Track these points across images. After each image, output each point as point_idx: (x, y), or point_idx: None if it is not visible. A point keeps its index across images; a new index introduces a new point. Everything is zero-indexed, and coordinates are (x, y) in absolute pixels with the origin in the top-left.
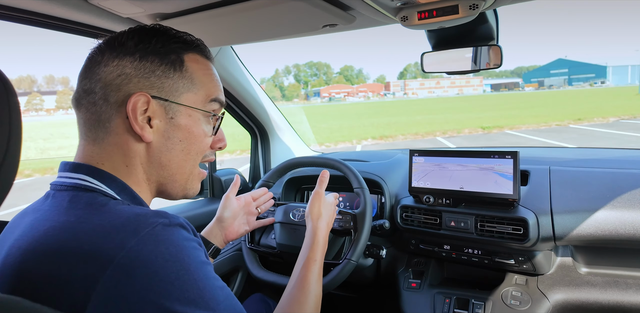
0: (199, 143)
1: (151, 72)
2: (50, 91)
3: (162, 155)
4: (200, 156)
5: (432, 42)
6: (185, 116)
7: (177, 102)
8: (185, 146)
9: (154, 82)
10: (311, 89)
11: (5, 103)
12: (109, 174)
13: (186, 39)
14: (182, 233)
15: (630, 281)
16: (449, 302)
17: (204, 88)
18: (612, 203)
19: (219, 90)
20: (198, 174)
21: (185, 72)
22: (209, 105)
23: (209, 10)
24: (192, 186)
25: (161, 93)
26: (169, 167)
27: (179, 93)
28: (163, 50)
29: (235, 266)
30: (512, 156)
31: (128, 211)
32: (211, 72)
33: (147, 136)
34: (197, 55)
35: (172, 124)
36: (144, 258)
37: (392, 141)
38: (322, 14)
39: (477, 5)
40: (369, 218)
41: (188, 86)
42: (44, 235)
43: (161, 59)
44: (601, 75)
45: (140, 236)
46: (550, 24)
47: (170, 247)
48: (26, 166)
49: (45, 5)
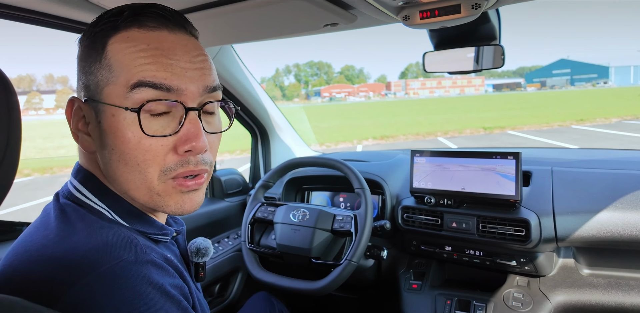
0: (132, 149)
1: (82, 72)
2: (49, 90)
3: (107, 167)
4: (149, 167)
5: (434, 42)
6: (109, 117)
7: (98, 100)
8: (119, 155)
9: (84, 81)
10: (312, 89)
11: (4, 102)
12: (100, 184)
13: (119, 14)
14: (151, 274)
15: (633, 282)
16: (450, 303)
17: (124, 72)
18: (615, 204)
19: (149, 69)
20: (171, 189)
21: (104, 60)
22: (131, 94)
23: (210, 9)
24: (166, 203)
25: (89, 93)
26: (119, 181)
27: (100, 88)
28: (90, 41)
29: (235, 266)
30: (514, 156)
31: (99, 237)
32: (144, 48)
33: (83, 145)
34: (133, 30)
35: (101, 129)
36: (93, 299)
37: (393, 141)
38: (323, 13)
39: (480, 4)
40: (370, 219)
41: (107, 76)
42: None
43: (89, 54)
44: (603, 75)
45: (96, 273)
46: (552, 24)
47: (126, 292)
48: (25, 165)
49: (45, 3)
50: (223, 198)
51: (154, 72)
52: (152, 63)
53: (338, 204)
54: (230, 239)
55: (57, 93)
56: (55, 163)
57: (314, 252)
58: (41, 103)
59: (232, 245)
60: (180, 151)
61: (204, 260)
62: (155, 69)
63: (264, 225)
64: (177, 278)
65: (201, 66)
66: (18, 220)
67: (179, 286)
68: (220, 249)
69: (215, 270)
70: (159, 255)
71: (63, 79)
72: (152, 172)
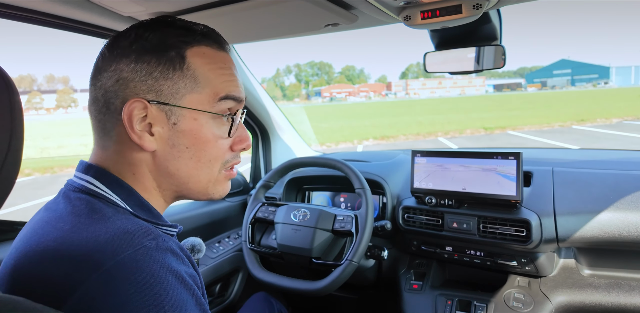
0: (210, 148)
1: (148, 75)
2: (50, 90)
3: (169, 164)
4: (217, 162)
5: (435, 42)
6: (190, 120)
7: (179, 106)
8: (193, 153)
9: (151, 85)
10: (312, 89)
11: (7, 102)
12: (115, 178)
13: (190, 30)
14: (169, 261)
15: (633, 283)
16: (450, 303)
17: (210, 86)
18: (616, 204)
19: (232, 86)
20: (223, 178)
21: (186, 70)
22: (218, 104)
23: (211, 9)
24: (216, 190)
25: (160, 97)
26: (179, 176)
27: (181, 95)
28: (161, 47)
29: (236, 266)
30: (515, 157)
31: (120, 226)
32: (222, 66)
33: (146, 145)
34: (204, 47)
35: (176, 131)
36: (116, 284)
37: (393, 141)
38: (324, 13)
39: (481, 5)
40: (371, 219)
41: (191, 86)
42: (37, 241)
43: (158, 58)
44: (604, 76)
45: (118, 260)
46: (553, 25)
47: (147, 277)
48: (26, 165)
49: (46, 3)
50: (224, 197)
51: (235, 88)
52: (232, 81)
53: (339, 204)
54: (230, 239)
55: (58, 93)
56: (55, 163)
57: (315, 252)
58: (42, 103)
59: (232, 245)
60: (236, 149)
61: (198, 256)
62: (235, 86)
63: (264, 225)
64: (190, 268)
65: None
66: (19, 219)
67: (193, 275)
68: (221, 249)
69: (215, 270)
70: (175, 244)
71: (64, 79)
72: (217, 166)
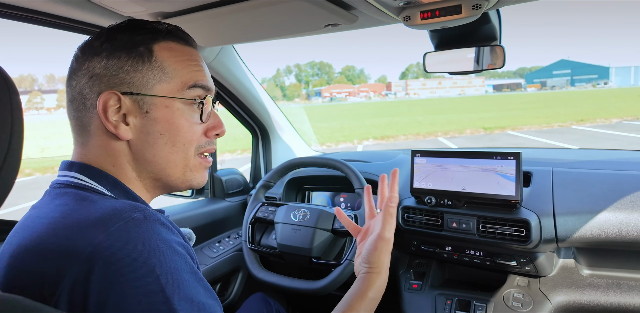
0: (184, 133)
1: (119, 69)
2: (51, 89)
3: (145, 151)
4: (191, 146)
5: (435, 42)
6: (162, 108)
7: (150, 95)
8: (167, 139)
9: (122, 78)
10: (312, 89)
11: (7, 102)
12: (99, 170)
13: (156, 28)
14: (159, 231)
15: (633, 283)
16: (450, 303)
17: (178, 76)
18: (615, 204)
19: (199, 76)
20: (199, 164)
21: (155, 62)
22: (187, 92)
23: (211, 9)
24: (194, 176)
25: (132, 88)
26: (157, 162)
27: (151, 85)
28: (130, 44)
29: (236, 266)
30: (515, 157)
31: (108, 205)
32: (188, 58)
33: (122, 134)
34: (170, 43)
35: (149, 119)
36: (110, 254)
37: (393, 141)
38: (324, 14)
39: (480, 5)
40: None
41: (160, 76)
42: (30, 233)
43: (128, 54)
44: (604, 76)
45: (109, 231)
46: (553, 25)
47: (138, 245)
48: (26, 165)
49: (46, 3)
50: (224, 197)
51: (201, 77)
52: (199, 71)
53: (339, 204)
54: (231, 239)
55: (59, 93)
56: (56, 163)
57: (315, 252)
58: (42, 103)
59: (232, 245)
60: (211, 135)
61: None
62: (202, 76)
63: (264, 225)
64: (181, 239)
65: None
66: (19, 219)
67: (184, 245)
68: (221, 248)
69: (215, 270)
70: (164, 217)
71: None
72: (191, 150)
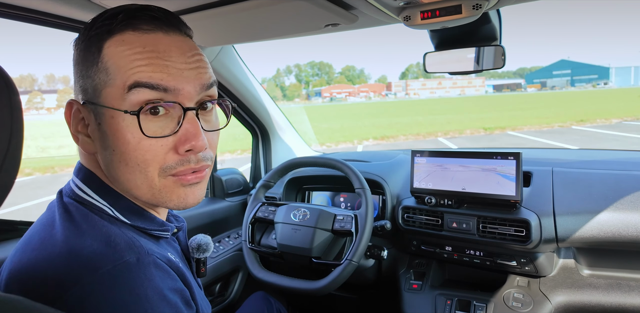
0: (131, 151)
1: (80, 75)
2: (51, 89)
3: (108, 167)
4: (149, 166)
5: (435, 42)
6: (108, 119)
7: (97, 103)
8: (119, 156)
9: (82, 85)
10: (312, 89)
11: (7, 102)
12: (101, 182)
13: (113, 18)
14: (152, 276)
15: (633, 283)
16: (450, 303)
17: (119, 75)
18: (615, 204)
19: (145, 70)
20: (172, 184)
21: (100, 63)
22: (128, 96)
23: (211, 9)
24: (169, 198)
25: (87, 96)
26: (120, 181)
27: (99, 91)
28: (85, 45)
29: (236, 266)
30: (515, 157)
31: (103, 238)
32: (139, 50)
33: (84, 147)
34: (128, 33)
35: (102, 131)
36: (93, 301)
37: (393, 141)
38: (324, 14)
39: (480, 5)
40: (370, 219)
41: (104, 80)
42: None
43: (86, 57)
44: (604, 76)
45: (98, 274)
46: (553, 25)
47: (125, 294)
48: (27, 165)
49: (46, 3)
50: (224, 197)
51: (149, 73)
52: (147, 65)
53: (339, 204)
54: (230, 238)
55: (59, 93)
56: (56, 163)
57: (315, 252)
58: (42, 103)
59: (232, 245)
60: (181, 151)
61: (204, 255)
62: (151, 71)
63: (264, 225)
64: (178, 282)
65: (197, 65)
66: (19, 219)
67: (180, 290)
68: (221, 248)
69: (215, 270)
70: (161, 256)
71: (64, 78)
72: (152, 171)
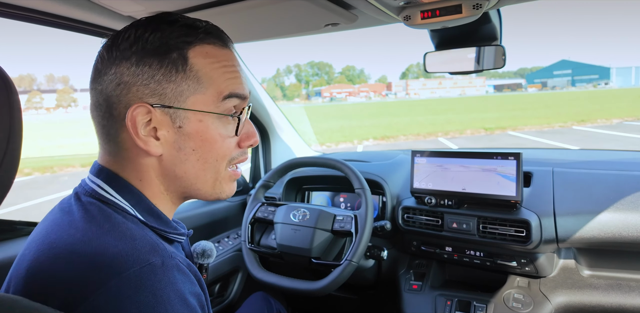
0: (217, 148)
1: (150, 78)
2: (50, 89)
3: (176, 167)
4: (223, 161)
5: (435, 42)
6: (196, 122)
7: (183, 108)
8: (200, 155)
9: (154, 88)
10: (312, 89)
11: (6, 101)
12: (125, 183)
13: (192, 28)
14: (175, 280)
15: (633, 284)
16: (450, 304)
17: (214, 85)
18: (616, 205)
19: (235, 83)
20: (229, 177)
21: (189, 71)
22: (223, 104)
23: (211, 8)
24: (222, 189)
25: (164, 100)
26: (186, 178)
27: (185, 97)
28: (162, 48)
29: (236, 266)
30: (515, 157)
31: (127, 239)
32: (226, 64)
33: (152, 150)
34: (207, 46)
35: (182, 134)
36: (119, 301)
37: (393, 141)
38: (324, 13)
39: (481, 4)
40: (370, 219)
41: (194, 87)
42: (49, 246)
43: (160, 61)
44: (605, 76)
45: (122, 276)
46: (553, 25)
47: (149, 296)
48: (26, 165)
49: (45, 2)
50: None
51: (238, 85)
52: (236, 78)
53: (338, 204)
54: (230, 239)
55: (58, 93)
56: (55, 162)
57: (314, 252)
58: (42, 102)
59: (232, 245)
60: (244, 146)
61: (208, 261)
62: (239, 83)
63: (264, 225)
64: (196, 286)
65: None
66: (19, 219)
67: (198, 294)
68: (221, 249)
69: (215, 270)
70: (183, 260)
71: (64, 78)
72: (224, 164)
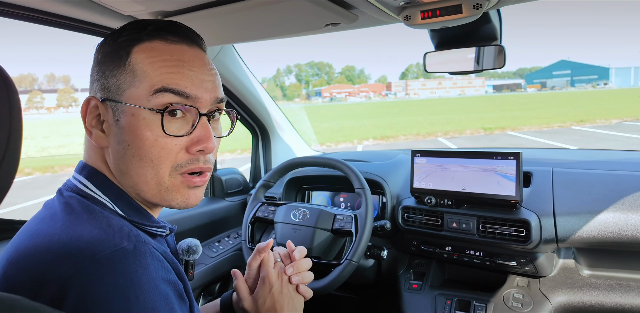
0: (149, 147)
1: (102, 74)
2: (51, 89)
3: (119, 162)
4: (163, 163)
5: (435, 42)
6: (129, 116)
7: (118, 101)
8: (135, 151)
9: (103, 83)
10: (312, 89)
11: (6, 101)
12: (104, 178)
13: (142, 27)
14: (147, 264)
15: (633, 284)
16: (450, 303)
17: (147, 79)
18: (615, 205)
19: (173, 78)
20: (180, 183)
21: (127, 65)
22: (153, 98)
23: (211, 8)
24: (172, 197)
25: (108, 94)
26: (129, 175)
27: (122, 91)
28: (115, 48)
29: (235, 266)
30: (515, 157)
31: (102, 226)
32: (166, 58)
33: (97, 141)
34: (156, 42)
35: (119, 127)
36: (90, 284)
37: (393, 141)
38: (324, 13)
39: (481, 4)
40: (370, 219)
41: (130, 81)
42: (29, 237)
43: (112, 59)
44: (604, 77)
45: (94, 259)
46: (553, 25)
47: (120, 279)
48: (26, 164)
49: (46, 2)
50: (224, 197)
51: (177, 80)
52: (175, 73)
53: (338, 204)
54: (230, 238)
55: (59, 92)
56: (56, 162)
57: (314, 252)
58: (42, 102)
59: (232, 244)
60: (192, 151)
61: (194, 257)
62: (178, 78)
63: (264, 225)
64: (172, 274)
65: (213, 79)
66: (18, 218)
67: (173, 282)
68: (221, 248)
69: (215, 269)
70: (157, 247)
71: (64, 78)
72: (164, 168)
